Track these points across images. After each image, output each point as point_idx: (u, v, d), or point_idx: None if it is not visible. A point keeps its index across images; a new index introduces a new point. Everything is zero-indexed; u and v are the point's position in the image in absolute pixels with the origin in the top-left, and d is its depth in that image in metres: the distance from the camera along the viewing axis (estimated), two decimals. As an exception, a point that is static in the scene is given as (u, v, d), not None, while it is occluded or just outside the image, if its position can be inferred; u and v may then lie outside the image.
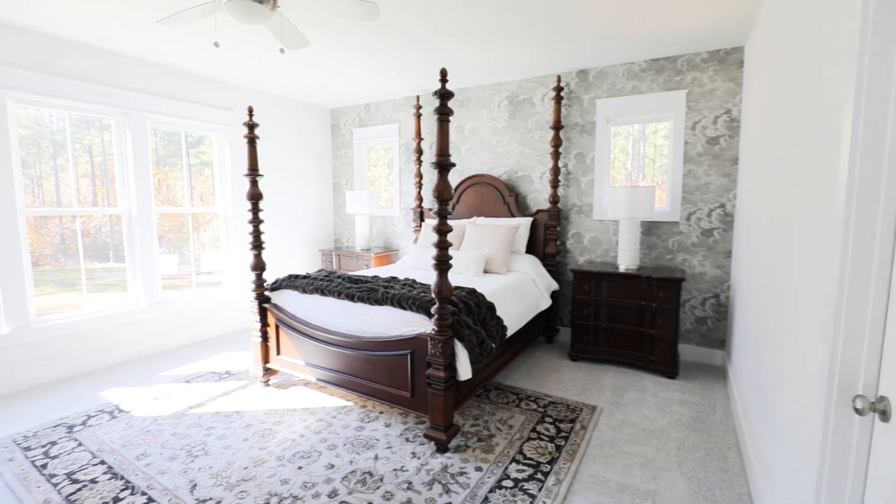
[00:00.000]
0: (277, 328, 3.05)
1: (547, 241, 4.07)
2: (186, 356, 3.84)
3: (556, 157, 3.94)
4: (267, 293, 3.17)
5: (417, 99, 4.77)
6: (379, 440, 2.44)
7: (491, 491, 2.01)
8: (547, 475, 2.12)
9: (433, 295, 2.29)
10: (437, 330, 2.29)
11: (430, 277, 3.37)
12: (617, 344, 3.49)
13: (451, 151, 3.44)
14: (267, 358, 3.15)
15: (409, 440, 2.44)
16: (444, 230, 2.24)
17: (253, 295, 3.13)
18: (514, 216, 4.22)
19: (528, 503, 1.93)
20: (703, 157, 3.54)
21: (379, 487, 2.03)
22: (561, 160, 4.13)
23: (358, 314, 2.69)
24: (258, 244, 3.11)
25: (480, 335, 2.51)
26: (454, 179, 4.57)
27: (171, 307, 4.03)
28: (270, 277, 4.83)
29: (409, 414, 2.72)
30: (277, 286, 3.17)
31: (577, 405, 2.85)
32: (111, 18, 2.89)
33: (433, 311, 2.31)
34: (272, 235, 4.96)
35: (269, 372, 3.16)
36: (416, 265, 3.99)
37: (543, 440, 2.43)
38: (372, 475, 2.13)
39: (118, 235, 3.79)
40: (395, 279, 3.07)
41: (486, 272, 3.70)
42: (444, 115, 2.20)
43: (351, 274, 3.24)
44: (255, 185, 3.05)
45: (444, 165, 2.22)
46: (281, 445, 2.39)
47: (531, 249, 4.16)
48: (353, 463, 2.23)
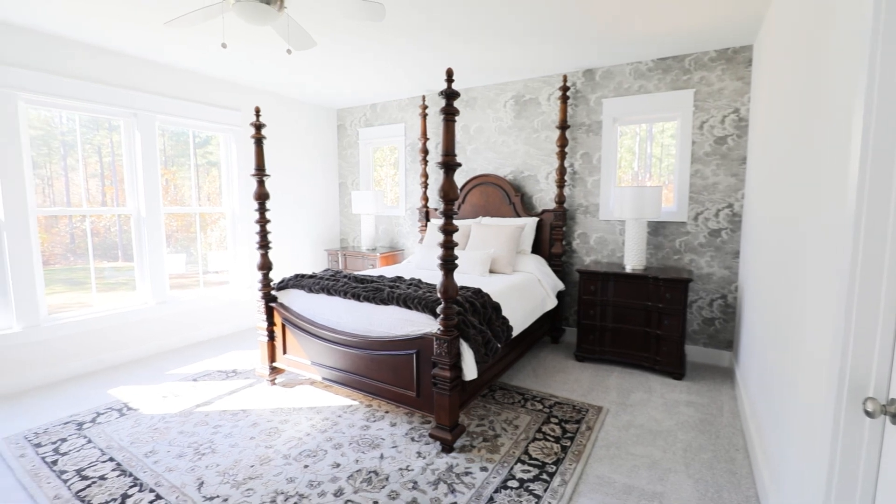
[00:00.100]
0: (284, 327, 3.06)
1: (553, 241, 4.06)
2: (194, 355, 3.87)
3: (562, 156, 3.92)
4: (273, 292, 3.19)
5: (423, 99, 4.77)
6: (384, 439, 2.44)
7: (496, 491, 2.00)
8: (552, 476, 2.11)
9: (439, 295, 2.29)
10: (442, 330, 2.29)
11: (435, 277, 3.38)
12: (623, 344, 3.47)
13: (456, 151, 3.43)
14: (273, 357, 3.17)
15: (414, 440, 2.45)
16: (449, 230, 2.24)
17: (259, 294, 3.14)
18: (519, 216, 4.21)
19: (533, 504, 1.93)
20: (710, 156, 3.51)
21: (384, 487, 2.04)
22: (567, 160, 4.12)
23: (364, 314, 2.70)
24: (265, 244, 3.13)
25: (486, 335, 2.50)
26: (460, 179, 4.56)
27: (178, 306, 4.06)
28: (277, 277, 4.86)
29: (414, 413, 2.72)
30: (284, 285, 3.19)
31: (582, 406, 2.84)
32: (120, 20, 2.92)
33: (439, 310, 2.32)
34: (279, 235, 4.99)
35: (275, 371, 3.18)
36: (421, 265, 4.00)
37: (549, 441, 2.43)
38: (377, 474, 2.13)
39: (127, 235, 3.82)
40: (400, 279, 3.07)
41: (491, 272, 3.70)
42: (449, 114, 2.20)
43: (357, 273, 3.25)
44: (261, 184, 3.08)
45: (449, 165, 2.21)
46: (287, 444, 2.40)
47: (537, 249, 4.15)
48: (358, 462, 2.24)
